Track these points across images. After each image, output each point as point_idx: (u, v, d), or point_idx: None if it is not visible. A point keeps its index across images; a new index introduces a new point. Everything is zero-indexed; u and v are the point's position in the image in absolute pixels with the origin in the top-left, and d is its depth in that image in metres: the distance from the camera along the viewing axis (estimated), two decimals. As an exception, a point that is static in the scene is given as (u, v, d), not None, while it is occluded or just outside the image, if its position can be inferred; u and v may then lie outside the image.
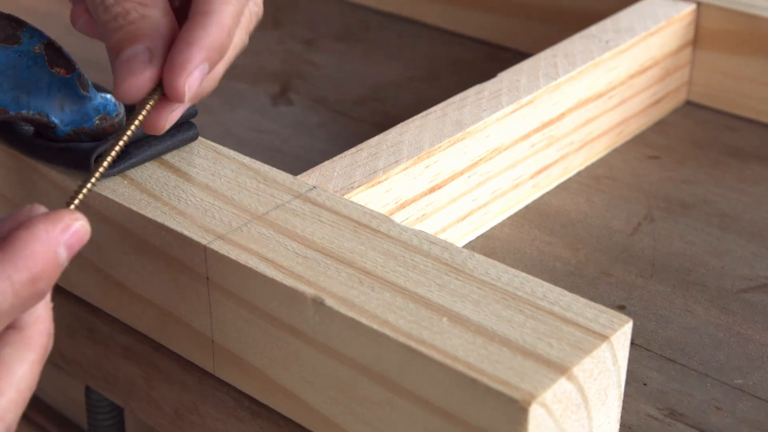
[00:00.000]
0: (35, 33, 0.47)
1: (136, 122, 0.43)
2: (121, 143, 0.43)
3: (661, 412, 0.47)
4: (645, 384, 0.48)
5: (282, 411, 0.45)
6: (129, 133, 0.43)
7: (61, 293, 0.52)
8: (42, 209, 0.38)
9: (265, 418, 0.46)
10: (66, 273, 0.39)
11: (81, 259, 0.47)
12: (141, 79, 0.42)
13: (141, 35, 0.42)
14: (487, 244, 0.57)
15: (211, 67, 0.43)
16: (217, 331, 0.45)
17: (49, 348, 0.38)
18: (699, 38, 0.70)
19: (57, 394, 0.61)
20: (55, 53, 0.48)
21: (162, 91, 0.43)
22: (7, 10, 0.48)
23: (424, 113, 0.56)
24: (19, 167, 0.51)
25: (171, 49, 0.42)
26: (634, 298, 0.53)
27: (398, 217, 0.52)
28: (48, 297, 0.38)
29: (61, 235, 0.37)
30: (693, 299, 0.53)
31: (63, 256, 0.37)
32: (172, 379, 0.50)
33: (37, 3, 0.90)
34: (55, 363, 0.57)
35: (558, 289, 0.41)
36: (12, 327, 0.36)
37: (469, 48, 0.82)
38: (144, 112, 0.43)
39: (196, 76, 0.42)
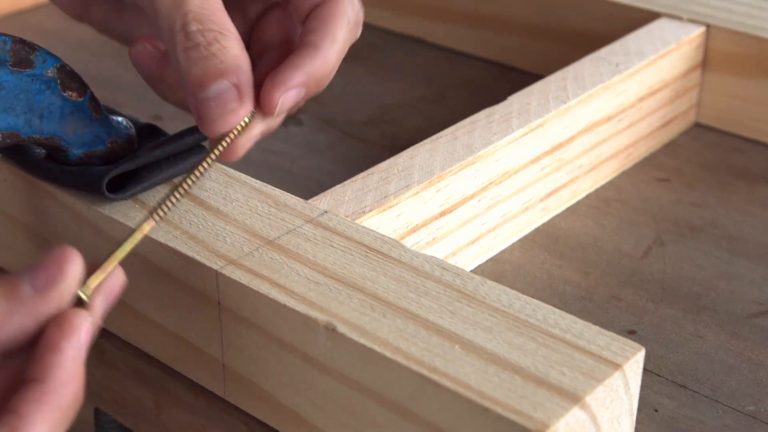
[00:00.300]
0: (48, 57, 0.47)
1: (219, 148, 0.44)
2: (201, 170, 0.43)
3: (672, 439, 0.47)
4: (656, 410, 0.48)
5: (292, 436, 0.45)
6: (210, 160, 0.43)
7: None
8: (75, 255, 0.38)
9: (276, 443, 0.46)
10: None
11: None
12: (235, 118, 0.43)
13: (225, 70, 0.42)
14: (496, 268, 0.57)
15: (307, 96, 0.44)
16: (228, 355, 0.45)
17: (76, 408, 0.37)
18: (708, 61, 0.70)
19: (65, 415, 0.61)
20: (67, 77, 0.48)
21: (244, 123, 0.44)
22: (14, 28, 0.48)
23: (434, 137, 0.56)
24: (30, 189, 0.51)
25: (276, 69, 0.44)
26: (645, 323, 0.53)
27: (409, 242, 0.52)
28: (82, 357, 0.38)
29: (83, 342, 0.38)
30: (703, 324, 0.53)
31: (84, 355, 0.38)
32: (182, 403, 0.50)
33: (45, 21, 0.90)
34: (64, 384, 0.57)
35: (570, 317, 0.41)
36: (36, 380, 0.36)
37: (476, 68, 0.82)
38: (226, 141, 0.44)
39: (292, 96, 0.44)
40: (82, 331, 0.38)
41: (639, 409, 0.48)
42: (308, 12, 0.46)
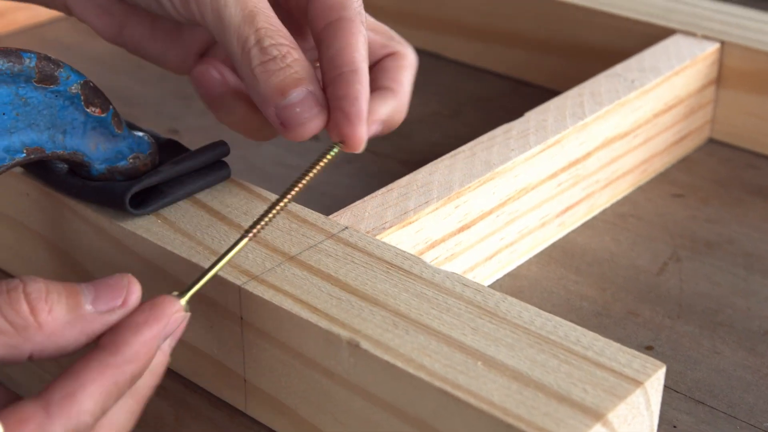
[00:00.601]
0: (72, 73, 0.48)
1: (315, 170, 0.45)
2: (295, 191, 0.44)
3: (690, 455, 0.47)
4: (675, 426, 0.48)
5: (313, 451, 0.45)
6: (305, 181, 0.45)
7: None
8: (137, 288, 0.39)
9: (296, 458, 0.46)
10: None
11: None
12: (320, 121, 0.45)
13: (302, 78, 0.44)
14: (514, 283, 0.58)
15: (383, 132, 0.47)
16: (249, 370, 0.46)
17: (140, 390, 0.39)
18: (722, 77, 0.70)
19: (83, 427, 0.61)
20: (91, 93, 0.48)
21: (334, 153, 0.45)
22: (32, 42, 0.48)
23: (452, 153, 0.56)
24: (52, 204, 0.52)
25: (359, 100, 0.45)
26: (662, 339, 0.54)
27: (427, 257, 0.53)
28: (158, 344, 0.39)
29: (167, 332, 0.39)
30: (720, 340, 0.54)
31: (165, 347, 0.40)
32: (202, 417, 0.50)
33: (62, 35, 0.90)
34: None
35: (591, 334, 0.41)
36: (105, 349, 0.38)
37: (491, 83, 0.82)
38: (322, 164, 0.45)
39: (373, 130, 0.46)
40: (169, 321, 0.39)
41: (658, 426, 0.48)
42: (322, 27, 0.47)
